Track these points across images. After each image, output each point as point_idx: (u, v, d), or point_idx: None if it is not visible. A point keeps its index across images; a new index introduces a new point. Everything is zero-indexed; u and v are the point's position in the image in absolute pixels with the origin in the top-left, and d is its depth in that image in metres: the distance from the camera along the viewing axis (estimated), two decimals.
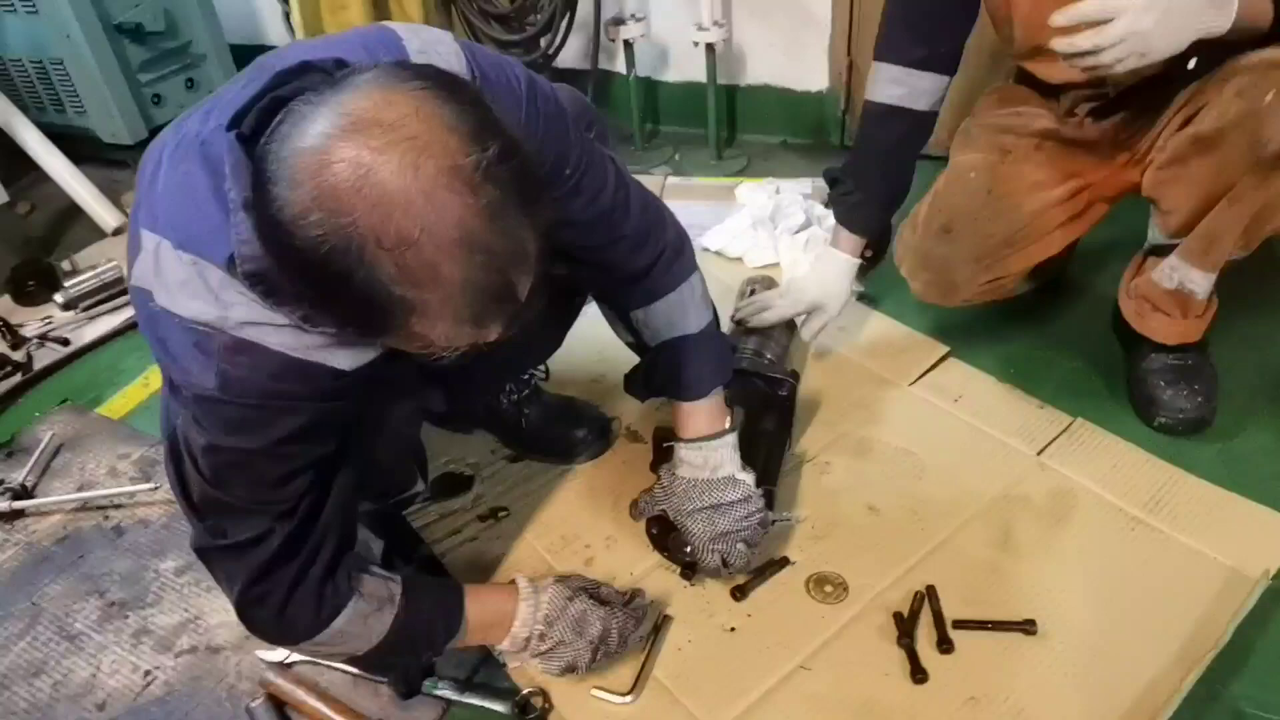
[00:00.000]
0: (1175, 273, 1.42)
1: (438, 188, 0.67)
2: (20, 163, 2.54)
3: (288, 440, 0.88)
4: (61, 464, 1.69)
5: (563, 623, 1.15)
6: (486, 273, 0.70)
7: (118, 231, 2.46)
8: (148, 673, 1.30)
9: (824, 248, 1.65)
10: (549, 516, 1.46)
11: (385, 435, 1.12)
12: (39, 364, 1.98)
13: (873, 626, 1.24)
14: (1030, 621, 1.20)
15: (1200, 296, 1.43)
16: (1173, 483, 1.39)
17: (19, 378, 1.94)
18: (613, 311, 1.31)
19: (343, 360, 0.85)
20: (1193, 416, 1.49)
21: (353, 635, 1.04)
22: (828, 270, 1.61)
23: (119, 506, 1.58)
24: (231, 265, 0.78)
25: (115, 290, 2.14)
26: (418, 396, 1.19)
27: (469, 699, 1.20)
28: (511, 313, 0.75)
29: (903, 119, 1.49)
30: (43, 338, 2.04)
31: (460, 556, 1.40)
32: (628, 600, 1.21)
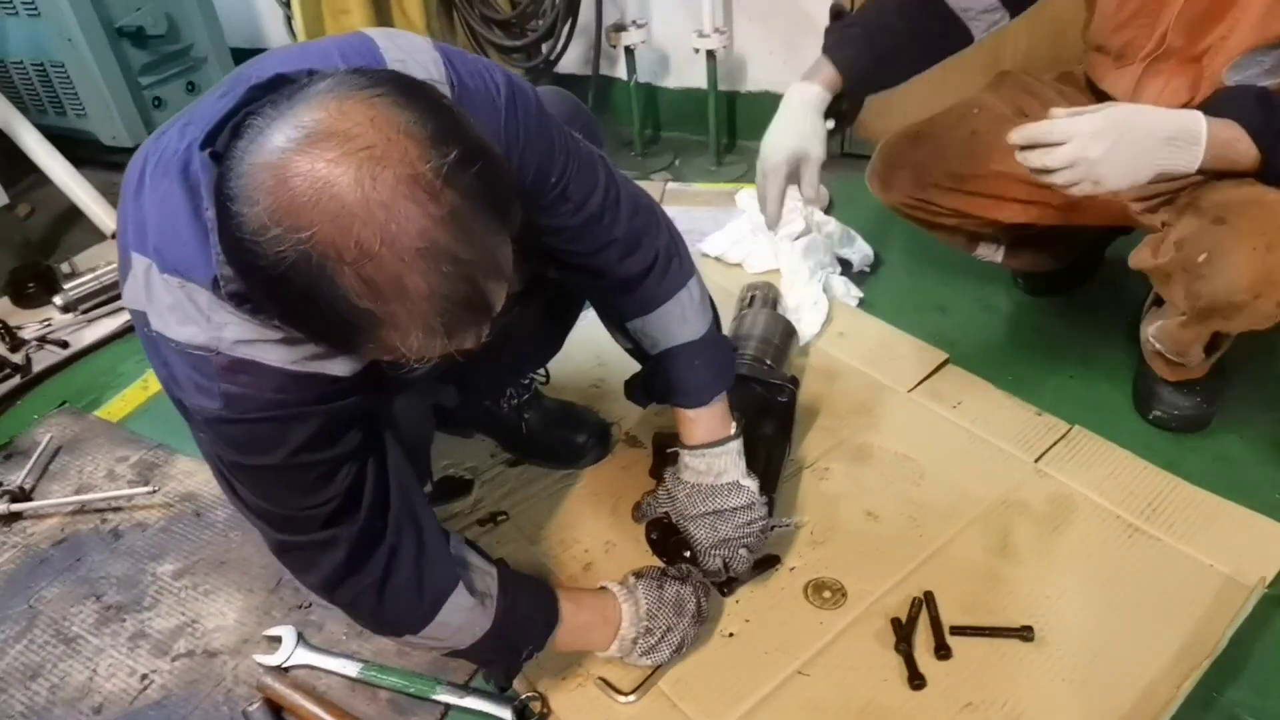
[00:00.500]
0: (1159, 345, 1.44)
1: (397, 197, 0.65)
2: (20, 165, 2.53)
3: (306, 448, 0.87)
4: (60, 467, 1.69)
5: (664, 610, 1.17)
6: (454, 282, 0.68)
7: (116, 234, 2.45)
8: (144, 676, 1.30)
9: (789, 90, 1.42)
10: (548, 521, 1.46)
11: (398, 433, 1.11)
12: (38, 366, 1.97)
13: (871, 632, 1.24)
14: (1028, 628, 1.21)
15: (1191, 364, 1.44)
16: (1170, 490, 1.40)
17: (18, 380, 1.93)
18: (609, 320, 1.31)
19: (339, 368, 0.85)
20: (1189, 415, 1.50)
21: (456, 628, 1.04)
22: (794, 109, 1.38)
23: (117, 509, 1.58)
24: (217, 287, 0.78)
25: (114, 293, 2.14)
26: (428, 393, 1.18)
27: (468, 703, 1.20)
28: (485, 321, 0.74)
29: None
30: (42, 340, 2.03)
31: None
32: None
